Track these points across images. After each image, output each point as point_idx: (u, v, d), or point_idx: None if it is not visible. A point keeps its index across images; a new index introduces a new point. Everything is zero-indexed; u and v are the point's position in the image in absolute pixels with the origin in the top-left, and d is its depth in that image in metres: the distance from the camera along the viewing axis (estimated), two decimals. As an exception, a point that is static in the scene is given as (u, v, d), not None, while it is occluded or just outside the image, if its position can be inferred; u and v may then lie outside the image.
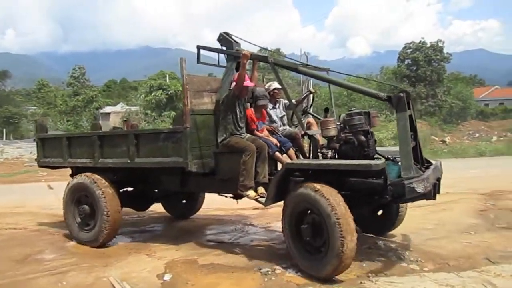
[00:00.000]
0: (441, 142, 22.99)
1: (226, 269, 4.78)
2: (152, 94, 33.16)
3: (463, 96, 47.48)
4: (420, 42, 46.54)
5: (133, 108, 38.47)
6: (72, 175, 6.60)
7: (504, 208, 7.67)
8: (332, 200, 4.22)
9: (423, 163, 4.94)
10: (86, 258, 5.28)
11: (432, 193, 4.61)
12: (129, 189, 6.69)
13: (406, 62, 47.19)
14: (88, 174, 6.04)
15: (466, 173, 12.75)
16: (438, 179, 4.95)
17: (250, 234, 6.49)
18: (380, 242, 5.45)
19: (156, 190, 6.92)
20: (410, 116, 4.64)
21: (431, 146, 21.30)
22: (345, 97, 50.13)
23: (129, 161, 5.78)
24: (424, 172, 4.64)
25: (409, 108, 4.59)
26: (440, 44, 46.42)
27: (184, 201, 7.70)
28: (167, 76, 38.70)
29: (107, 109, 52.93)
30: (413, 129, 4.71)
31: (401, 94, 4.54)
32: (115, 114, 48.54)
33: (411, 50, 46.73)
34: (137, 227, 7.04)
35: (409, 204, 8.00)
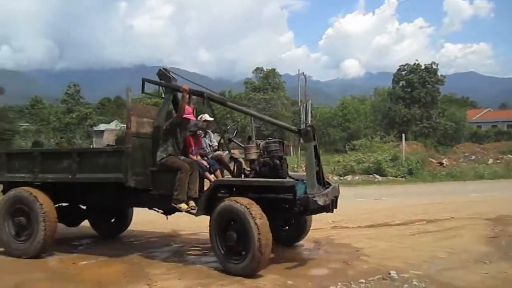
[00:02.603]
0: (438, 165, 22.78)
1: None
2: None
3: (456, 118, 47.83)
4: (414, 64, 46.96)
5: (127, 126, 38.04)
6: (3, 191, 6.74)
7: (515, 235, 7.43)
8: (252, 211, 5.01)
9: (324, 184, 5.80)
10: (83, 287, 4.95)
11: (330, 207, 5.47)
12: (63, 204, 6.91)
13: (400, 84, 47.54)
14: (26, 188, 6.22)
15: (468, 197, 12.56)
16: (336, 197, 5.92)
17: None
18: (393, 272, 5.15)
19: (86, 207, 7.32)
20: (315, 146, 5.54)
21: (429, 168, 21.09)
22: (340, 118, 50.46)
23: (70, 176, 6.07)
24: (324, 190, 5.53)
25: (314, 140, 5.53)
26: (434, 67, 46.90)
27: (113, 220, 7.85)
28: (163, 94, 38.45)
29: (101, 126, 52.61)
30: (317, 156, 5.59)
31: (309, 128, 5.54)
32: (109, 131, 48.11)
33: (405, 72, 47.14)
34: (135, 251, 6.69)
35: (418, 230, 7.86)
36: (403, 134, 23.20)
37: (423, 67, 46.33)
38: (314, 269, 5.53)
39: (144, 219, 8.09)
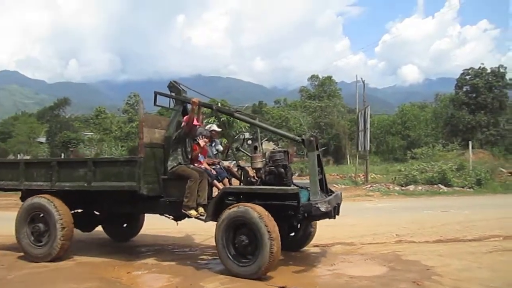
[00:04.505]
0: (510, 174, 21.08)
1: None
2: (205, 121, 33.15)
3: (527, 126, 44.48)
4: (479, 68, 44.34)
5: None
6: (22, 198, 7.10)
7: None
8: (263, 216, 5.26)
9: (327, 192, 6.18)
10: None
11: (332, 213, 5.77)
12: (78, 211, 7.14)
13: (464, 89, 45.04)
14: (44, 195, 6.52)
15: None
16: (338, 204, 6.19)
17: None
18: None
19: (99, 213, 7.53)
20: (318, 155, 5.87)
21: (501, 179, 19.55)
22: (399, 125, 48.64)
23: (86, 184, 6.36)
24: (327, 197, 5.83)
25: (317, 149, 5.84)
26: (501, 70, 44.04)
27: (125, 225, 8.19)
28: (219, 103, 38.80)
29: (160, 135, 53.93)
30: (320, 165, 5.97)
31: (312, 138, 5.79)
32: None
33: (470, 76, 44.59)
34: (189, 262, 6.49)
35: (494, 247, 7.11)
36: (470, 142, 21.73)
37: (489, 70, 43.61)
38: (381, 288, 5.04)
39: (199, 227, 7.90)
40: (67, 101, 61.94)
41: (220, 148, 7.49)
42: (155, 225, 8.27)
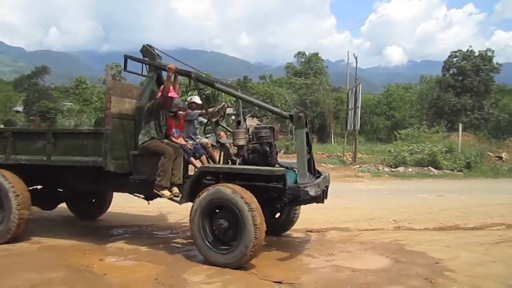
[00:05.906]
0: (497, 159, 20.89)
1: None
2: (188, 94, 32.23)
3: (510, 110, 44.61)
4: (467, 50, 43.97)
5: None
6: None
7: None
8: (236, 189, 4.80)
9: (315, 173, 5.63)
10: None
11: (321, 197, 5.23)
12: (38, 187, 6.54)
13: (451, 71, 44.72)
14: None
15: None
16: (327, 187, 5.66)
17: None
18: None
19: (62, 190, 6.92)
20: (307, 133, 5.30)
21: (489, 163, 19.26)
22: (384, 106, 48.35)
23: (45, 158, 5.75)
24: (315, 180, 5.29)
25: (306, 126, 5.28)
26: (489, 54, 43.76)
27: (92, 201, 7.58)
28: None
29: (141, 107, 52.51)
30: (309, 144, 5.40)
31: (301, 114, 5.24)
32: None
33: (457, 58, 44.23)
34: (170, 248, 5.84)
35: (500, 237, 6.65)
36: (460, 125, 21.40)
37: (477, 54, 43.28)
38: (390, 286, 4.44)
39: (180, 205, 7.22)
40: (46, 69, 59.91)
41: (204, 120, 6.79)
42: (130, 202, 7.50)
